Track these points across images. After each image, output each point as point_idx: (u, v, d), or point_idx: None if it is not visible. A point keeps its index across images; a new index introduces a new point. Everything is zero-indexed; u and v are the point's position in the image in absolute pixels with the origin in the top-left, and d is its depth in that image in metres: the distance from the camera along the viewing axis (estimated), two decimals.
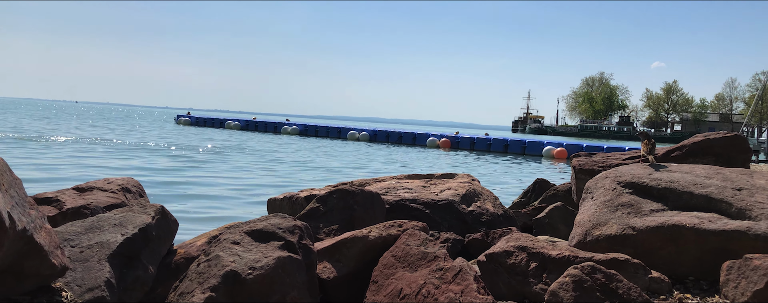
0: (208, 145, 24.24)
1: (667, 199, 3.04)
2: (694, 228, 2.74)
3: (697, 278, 2.75)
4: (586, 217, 3.08)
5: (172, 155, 18.03)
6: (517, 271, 2.76)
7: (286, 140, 32.76)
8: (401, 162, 21.93)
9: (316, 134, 40.51)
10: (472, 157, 27.00)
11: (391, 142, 36.54)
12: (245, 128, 44.51)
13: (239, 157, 19.36)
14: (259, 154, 21.33)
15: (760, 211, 2.78)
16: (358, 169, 17.43)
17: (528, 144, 31.56)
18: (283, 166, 17.20)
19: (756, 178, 3.17)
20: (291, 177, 14.32)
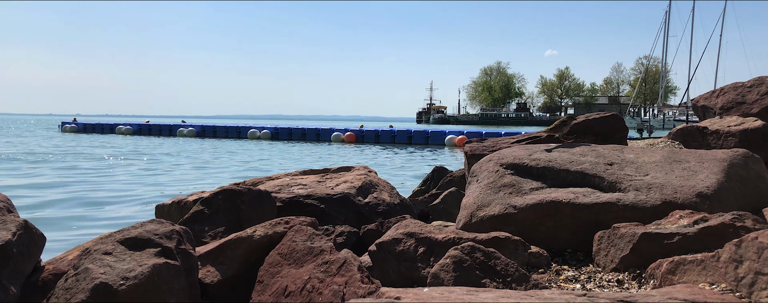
0: (97, 151, 22.87)
1: (546, 178, 3.20)
2: (569, 203, 2.90)
3: (575, 250, 2.91)
4: (471, 200, 3.18)
5: (56, 166, 16.84)
6: (405, 258, 2.80)
7: (183, 143, 31.54)
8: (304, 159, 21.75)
9: (215, 135, 39.30)
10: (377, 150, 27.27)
11: (295, 139, 36.15)
12: (138, 132, 42.40)
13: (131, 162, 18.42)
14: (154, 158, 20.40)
15: (628, 183, 2.99)
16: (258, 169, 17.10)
17: (431, 134, 32.32)
18: (178, 169, 16.55)
19: (626, 153, 3.40)
20: (186, 181, 13.80)
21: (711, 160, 3.24)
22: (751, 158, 3.33)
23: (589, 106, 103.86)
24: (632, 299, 1.68)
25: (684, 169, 3.12)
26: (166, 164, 18.32)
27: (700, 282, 1.90)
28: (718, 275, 1.86)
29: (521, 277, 2.24)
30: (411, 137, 32.59)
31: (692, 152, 3.39)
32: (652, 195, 2.85)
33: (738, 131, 6.68)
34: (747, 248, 1.77)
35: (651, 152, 3.40)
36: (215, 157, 21.92)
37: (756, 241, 1.75)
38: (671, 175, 3.05)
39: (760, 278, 1.71)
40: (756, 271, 1.72)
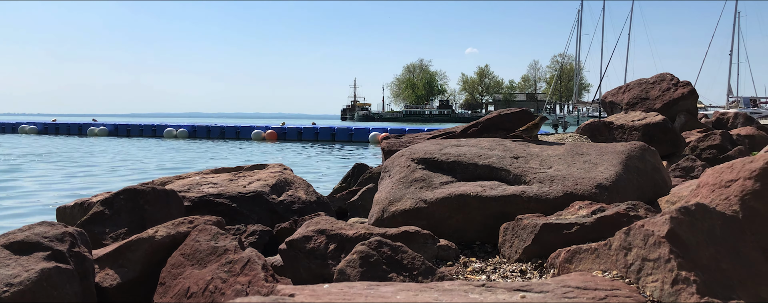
0: None
1: (456, 172, 3.26)
2: (477, 196, 2.97)
3: (483, 242, 2.98)
4: (383, 195, 3.19)
5: None
6: (316, 255, 2.78)
7: (94, 142, 30.02)
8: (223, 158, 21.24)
9: (129, 134, 37.67)
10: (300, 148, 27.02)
11: (214, 137, 35.22)
12: (44, 132, 40.00)
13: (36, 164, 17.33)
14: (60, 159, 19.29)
15: (532, 176, 3.09)
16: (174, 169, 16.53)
17: (355, 131, 32.36)
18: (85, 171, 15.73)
19: (532, 147, 3.52)
20: (94, 182, 13.15)
21: (611, 152, 3.40)
22: (648, 151, 3.52)
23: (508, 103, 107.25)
24: (528, 288, 1.74)
25: (585, 162, 3.26)
26: (73, 165, 17.38)
27: (595, 269, 1.99)
28: (610, 263, 1.95)
29: (428, 270, 2.27)
30: (334, 134, 32.52)
31: (594, 145, 3.55)
32: (555, 187, 2.96)
33: (641, 125, 7.08)
34: (635, 236, 1.87)
35: (555, 146, 3.53)
36: (126, 158, 21.00)
37: (643, 229, 1.85)
38: (573, 167, 3.18)
39: (646, 264, 1.81)
40: (643, 257, 1.82)
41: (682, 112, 9.78)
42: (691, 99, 9.76)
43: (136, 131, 37.62)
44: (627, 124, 7.16)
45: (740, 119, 10.62)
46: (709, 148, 7.67)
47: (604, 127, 7.24)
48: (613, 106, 10.47)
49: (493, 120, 5.26)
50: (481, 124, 5.25)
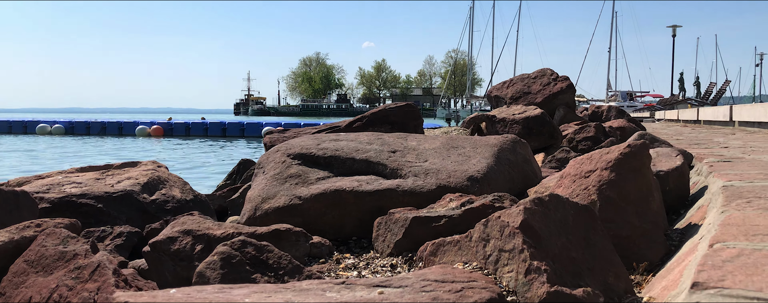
0: None
1: (333, 167, 3.23)
2: (353, 191, 2.96)
3: (360, 237, 2.98)
4: (257, 192, 3.11)
5: None
6: (182, 257, 2.65)
7: None
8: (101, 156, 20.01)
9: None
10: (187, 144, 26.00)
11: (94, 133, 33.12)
12: None
13: None
14: None
15: (408, 169, 3.13)
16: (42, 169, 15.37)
17: (247, 126, 31.61)
18: None
19: (409, 141, 3.56)
20: None
21: (484, 145, 3.51)
22: (519, 143, 3.67)
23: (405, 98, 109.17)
24: (388, 283, 1.73)
25: (459, 155, 3.34)
26: None
27: (457, 262, 2.03)
28: (471, 254, 1.99)
29: (295, 269, 2.22)
30: (225, 130, 31.60)
31: (469, 139, 3.65)
32: (429, 180, 3.01)
33: (521, 119, 7.41)
34: (492, 227, 1.92)
35: (432, 139, 3.60)
36: None
37: (499, 220, 1.90)
38: (447, 160, 3.25)
39: (502, 255, 1.86)
40: (499, 248, 1.87)
41: (562, 105, 10.35)
42: (570, 93, 10.35)
43: (5, 127, 34.59)
44: (508, 117, 7.47)
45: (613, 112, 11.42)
46: (585, 140, 8.16)
47: (488, 120, 7.52)
48: (498, 101, 10.91)
49: (378, 114, 5.29)
50: (366, 118, 5.27)
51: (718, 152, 5.27)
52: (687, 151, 4.98)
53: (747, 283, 1.27)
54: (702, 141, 7.69)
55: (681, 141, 8.01)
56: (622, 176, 2.68)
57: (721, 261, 1.46)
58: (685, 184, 3.47)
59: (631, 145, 2.74)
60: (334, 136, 3.59)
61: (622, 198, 2.66)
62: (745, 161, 4.23)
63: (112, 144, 25.69)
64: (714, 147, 6.23)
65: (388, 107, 5.42)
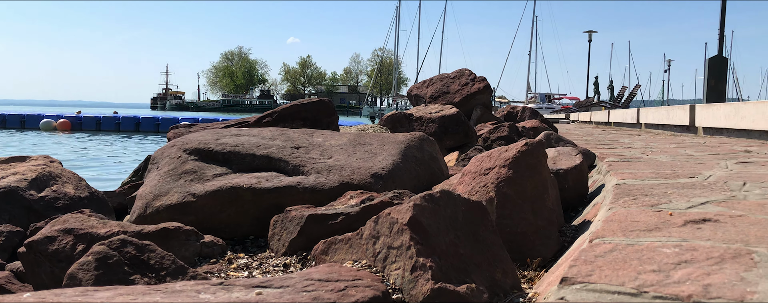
0: None
1: (232, 163, 3.13)
2: (250, 188, 2.87)
3: (257, 236, 2.90)
4: (148, 189, 2.96)
5: None
6: (60, 258, 2.49)
7: None
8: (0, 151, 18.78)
9: None
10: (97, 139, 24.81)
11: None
12: None
13: None
14: None
15: (311, 166, 3.07)
16: None
17: (161, 121, 30.50)
18: None
19: (315, 137, 3.50)
20: None
21: (391, 142, 3.50)
22: (426, 141, 3.69)
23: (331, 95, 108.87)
24: (269, 284, 1.68)
25: (366, 152, 3.32)
26: None
27: (347, 260, 2.00)
28: (361, 252, 1.96)
29: (178, 269, 2.12)
30: (139, 124, 30.36)
31: (377, 135, 3.64)
32: (331, 177, 2.97)
33: (437, 117, 7.51)
34: (382, 224, 1.90)
35: (339, 136, 3.56)
36: None
37: (389, 217, 1.89)
38: (353, 157, 3.22)
39: (391, 252, 1.84)
40: (388, 245, 1.86)
41: (479, 105, 10.58)
42: (486, 93, 10.58)
43: None
44: (425, 116, 7.55)
45: (527, 113, 11.79)
46: (499, 139, 8.37)
47: (405, 118, 7.57)
48: (419, 99, 11.03)
49: (289, 109, 5.20)
50: (277, 114, 5.16)
51: (620, 152, 5.52)
52: (590, 151, 5.19)
53: (612, 277, 1.30)
54: (608, 141, 8.05)
55: (589, 141, 8.35)
56: (519, 174, 2.73)
57: (594, 256, 1.50)
58: (583, 182, 3.60)
59: (528, 144, 2.81)
60: (236, 131, 3.48)
61: (519, 195, 2.71)
62: (643, 161, 4.44)
63: (13, 138, 24.14)
64: (618, 147, 6.52)
65: (301, 103, 5.34)
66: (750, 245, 1.58)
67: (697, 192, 2.65)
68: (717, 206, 2.26)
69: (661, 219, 1.99)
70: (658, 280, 1.27)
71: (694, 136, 9.66)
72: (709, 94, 15.90)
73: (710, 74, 16.24)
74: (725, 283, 1.24)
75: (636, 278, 1.29)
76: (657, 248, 1.56)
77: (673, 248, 1.55)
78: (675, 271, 1.34)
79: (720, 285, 1.23)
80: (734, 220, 1.96)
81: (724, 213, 2.09)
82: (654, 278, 1.28)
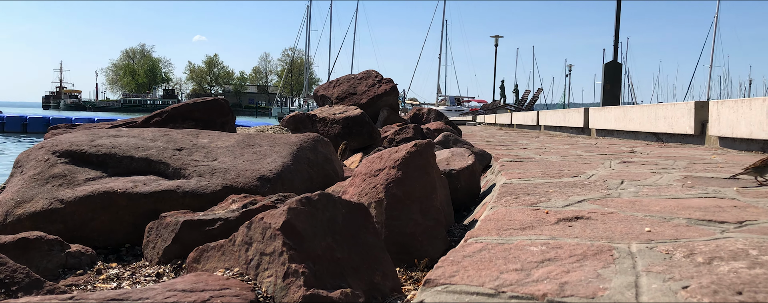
0: None
1: (108, 166, 2.94)
2: (126, 193, 2.71)
3: (134, 244, 2.73)
4: (9, 195, 2.73)
5: None
6: None
7: None
8: None
9: None
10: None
11: None
12: None
13: None
14: None
15: (193, 169, 2.94)
16: None
17: (52, 121, 28.66)
18: None
19: (201, 138, 3.36)
20: None
21: (283, 144, 3.42)
22: (321, 142, 3.63)
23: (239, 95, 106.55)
24: (126, 296, 1.56)
25: (254, 154, 3.22)
26: None
27: (219, 268, 1.91)
28: (234, 259, 1.88)
29: (33, 283, 1.95)
30: (26, 125, 28.37)
31: (268, 136, 3.54)
32: (215, 180, 2.85)
33: (341, 118, 7.47)
34: (255, 230, 1.83)
35: (227, 137, 3.44)
36: None
37: (262, 222, 1.81)
38: (240, 159, 3.11)
39: (263, 259, 1.77)
40: (261, 251, 1.78)
41: (386, 107, 10.65)
42: (393, 95, 10.68)
43: None
44: (329, 117, 7.49)
45: (433, 115, 12.01)
46: (404, 140, 8.45)
47: (308, 119, 7.48)
48: (325, 100, 10.95)
49: (180, 109, 4.99)
50: (166, 114, 4.94)
51: (515, 153, 5.70)
52: (486, 152, 5.32)
53: (474, 278, 1.30)
54: (508, 143, 8.32)
55: (491, 142, 8.60)
56: (408, 174, 2.73)
57: (462, 256, 1.50)
58: (475, 182, 3.66)
59: (418, 145, 2.81)
60: (114, 132, 3.28)
61: (408, 196, 2.71)
62: (534, 161, 4.60)
63: None
64: (515, 148, 6.74)
65: (193, 102, 5.14)
66: (613, 242, 1.63)
67: (577, 190, 2.75)
68: (592, 204, 2.34)
69: (537, 217, 2.04)
70: (517, 280, 1.28)
71: (588, 137, 10.17)
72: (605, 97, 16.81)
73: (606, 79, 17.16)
74: (581, 280, 1.27)
75: (497, 278, 1.29)
76: (525, 247, 1.58)
77: (541, 246, 1.58)
78: (537, 269, 1.36)
79: (576, 283, 1.25)
80: (605, 217, 2.03)
81: (597, 211, 2.17)
82: (515, 277, 1.29)
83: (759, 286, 1.16)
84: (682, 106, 6.53)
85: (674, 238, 1.67)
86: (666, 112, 6.93)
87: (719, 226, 1.85)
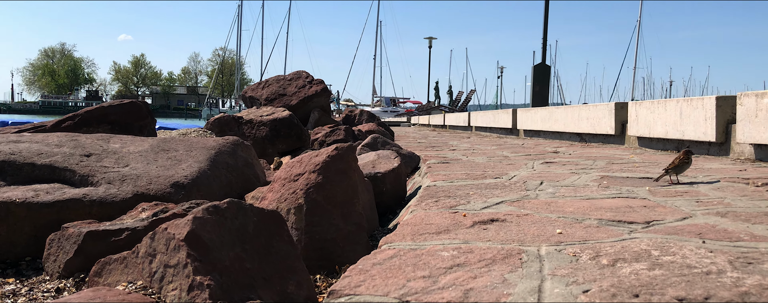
0: None
1: (6, 174, 2.76)
2: (25, 203, 2.54)
3: (36, 257, 2.57)
4: None
5: None
6: None
7: None
8: None
9: None
10: None
11: None
12: None
13: None
14: None
15: (102, 176, 2.80)
16: None
17: None
18: None
19: (112, 143, 3.21)
20: None
21: (200, 148, 3.31)
22: (241, 146, 3.54)
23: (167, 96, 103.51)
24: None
25: (169, 159, 3.10)
26: None
27: (122, 281, 1.81)
28: (137, 272, 1.79)
29: None
30: None
31: (184, 140, 3.42)
32: (125, 188, 2.73)
33: (269, 121, 7.34)
34: (159, 240, 1.75)
35: (141, 141, 3.30)
36: None
37: (166, 233, 1.73)
38: (153, 165, 2.99)
39: (168, 271, 1.69)
40: (165, 263, 1.70)
41: (317, 108, 10.57)
42: (324, 96, 10.60)
43: None
44: (256, 119, 7.34)
45: (365, 116, 12.01)
46: (335, 142, 8.41)
47: (234, 121, 7.31)
48: (254, 102, 10.76)
49: (94, 112, 4.77)
50: (79, 117, 4.71)
51: (444, 154, 5.75)
52: (414, 154, 5.34)
53: (380, 287, 1.28)
54: (439, 144, 8.40)
55: (422, 143, 8.66)
56: (328, 179, 2.69)
57: (372, 264, 1.47)
58: (401, 185, 3.66)
59: (339, 148, 2.78)
60: (16, 137, 3.09)
61: (329, 201, 2.67)
62: (461, 162, 4.64)
63: None
64: (444, 149, 6.81)
65: (109, 104, 4.92)
66: (524, 244, 1.64)
67: (497, 192, 2.78)
68: (510, 206, 2.37)
69: (454, 221, 2.04)
70: (423, 288, 1.26)
71: (517, 138, 10.41)
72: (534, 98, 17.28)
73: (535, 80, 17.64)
74: (487, 286, 1.26)
75: (403, 286, 1.27)
76: (437, 252, 1.57)
77: (453, 251, 1.57)
78: (445, 276, 1.34)
79: (481, 289, 1.24)
80: (520, 219, 2.06)
81: (513, 212, 2.19)
82: (421, 285, 1.27)
83: (655, 288, 1.19)
84: (603, 107, 6.77)
85: (584, 239, 1.70)
86: (588, 113, 7.17)
87: (628, 226, 1.90)
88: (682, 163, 2.99)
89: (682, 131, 5.03)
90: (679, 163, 2.99)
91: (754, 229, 1.77)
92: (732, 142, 4.49)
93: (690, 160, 3.01)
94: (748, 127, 4.09)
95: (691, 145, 5.06)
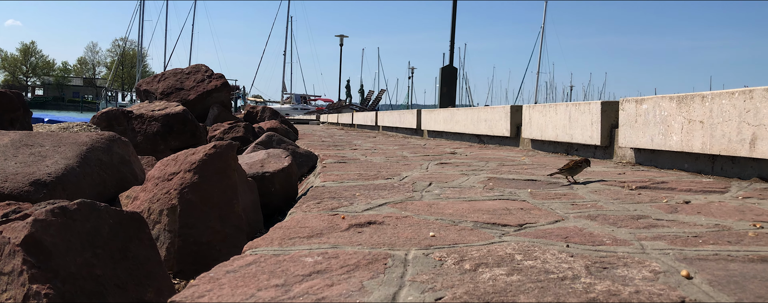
0: None
1: None
2: None
3: None
4: None
5: None
6: None
7: None
8: None
9: None
10: None
11: None
12: None
13: None
14: None
15: None
16: None
17: None
18: None
19: None
20: None
21: (70, 144, 3.08)
22: (117, 141, 3.33)
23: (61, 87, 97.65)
24: None
25: (32, 154, 2.86)
26: None
27: None
28: None
29: None
30: None
31: (52, 135, 3.17)
32: None
33: (161, 116, 7.02)
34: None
35: (1, 135, 3.02)
36: None
37: (1, 236, 1.57)
38: (12, 160, 2.74)
39: (2, 279, 1.53)
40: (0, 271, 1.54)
41: (216, 104, 10.23)
42: (224, 91, 10.28)
43: None
44: (147, 114, 7.00)
45: (268, 113, 11.77)
46: (234, 140, 8.17)
47: (123, 116, 6.93)
48: (149, 95, 10.27)
49: None
50: None
51: (344, 154, 5.70)
52: (312, 153, 5.26)
53: (226, 297, 1.19)
54: (343, 143, 8.35)
55: (327, 142, 8.58)
56: (205, 178, 2.57)
57: (225, 272, 1.38)
58: (292, 185, 3.57)
59: (217, 146, 2.66)
60: None
61: (205, 202, 2.54)
62: (358, 162, 4.61)
63: None
64: (346, 148, 6.77)
65: None
66: (394, 248, 1.61)
67: (384, 193, 2.76)
68: (392, 207, 2.34)
69: (330, 223, 1.98)
70: (272, 298, 1.19)
71: (421, 138, 10.55)
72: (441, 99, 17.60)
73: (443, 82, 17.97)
74: (341, 294, 1.21)
75: (251, 296, 1.20)
76: (301, 258, 1.50)
77: (317, 257, 1.51)
78: (300, 284, 1.28)
79: (334, 298, 1.19)
80: (398, 221, 2.03)
81: (393, 215, 2.16)
82: (271, 295, 1.20)
83: (508, 294, 1.18)
84: (500, 109, 6.96)
85: (454, 243, 1.69)
86: (487, 115, 7.35)
87: (501, 229, 1.91)
88: (577, 165, 3.15)
89: (571, 135, 5.24)
90: (573, 165, 3.15)
91: (618, 233, 1.83)
92: (615, 146, 4.72)
93: (585, 165, 3.18)
94: (629, 132, 4.31)
95: (579, 148, 5.28)
